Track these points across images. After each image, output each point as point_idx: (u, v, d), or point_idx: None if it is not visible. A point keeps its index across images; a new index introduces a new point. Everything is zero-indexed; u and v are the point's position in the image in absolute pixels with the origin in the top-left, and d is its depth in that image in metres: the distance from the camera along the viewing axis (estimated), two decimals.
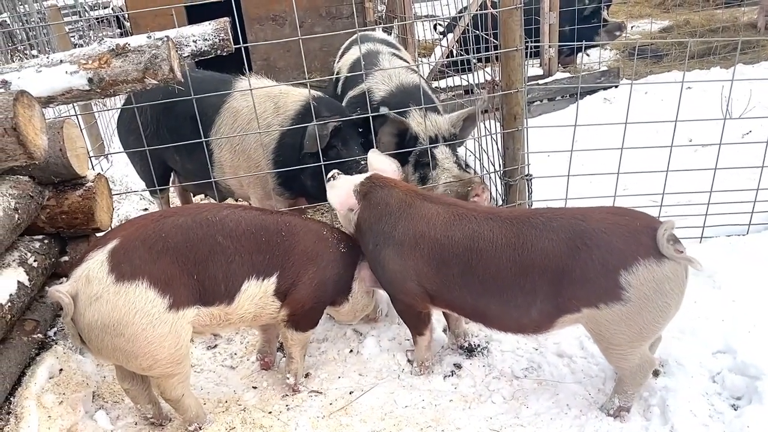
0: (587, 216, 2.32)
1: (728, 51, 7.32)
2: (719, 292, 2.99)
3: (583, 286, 2.25)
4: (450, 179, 3.30)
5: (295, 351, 2.80)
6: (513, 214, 2.48)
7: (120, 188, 5.18)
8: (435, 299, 2.60)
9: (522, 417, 2.56)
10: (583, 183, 3.75)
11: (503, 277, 2.36)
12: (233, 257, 2.46)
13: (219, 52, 2.99)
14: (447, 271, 2.47)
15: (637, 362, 2.36)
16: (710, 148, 3.98)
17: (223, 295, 2.46)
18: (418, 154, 3.44)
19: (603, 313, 2.26)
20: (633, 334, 2.28)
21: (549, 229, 2.31)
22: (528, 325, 2.45)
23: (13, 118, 1.91)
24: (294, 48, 7.88)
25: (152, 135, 3.75)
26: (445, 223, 2.49)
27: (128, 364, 2.38)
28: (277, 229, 2.57)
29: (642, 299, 2.20)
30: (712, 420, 2.37)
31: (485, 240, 2.39)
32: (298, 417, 2.67)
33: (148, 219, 2.45)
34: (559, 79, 6.75)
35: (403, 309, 2.74)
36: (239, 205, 2.64)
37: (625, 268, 2.19)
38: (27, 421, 2.33)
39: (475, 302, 2.47)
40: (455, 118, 3.52)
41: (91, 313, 2.23)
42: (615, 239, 2.22)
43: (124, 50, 2.52)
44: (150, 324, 2.27)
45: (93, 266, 2.25)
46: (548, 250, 2.29)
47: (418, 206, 2.57)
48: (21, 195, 2.66)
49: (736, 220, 3.53)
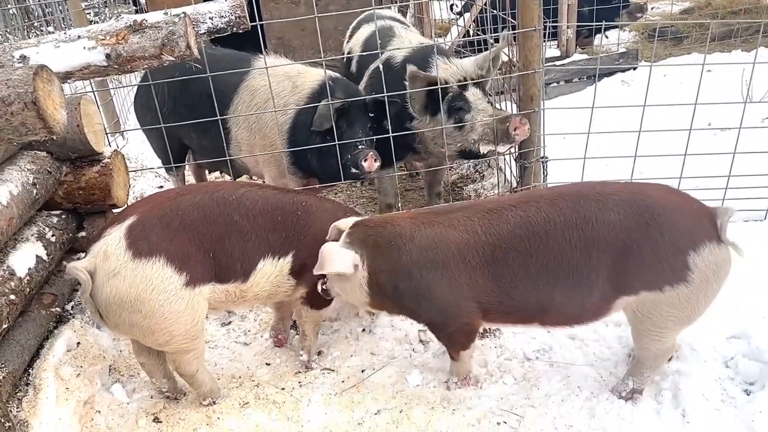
0: (646, 192, 2.25)
1: (750, 33, 7.17)
2: (735, 278, 2.96)
3: (651, 265, 2.17)
4: (486, 119, 3.29)
5: (308, 328, 2.82)
6: (557, 192, 2.34)
7: (136, 165, 5.21)
8: (490, 312, 2.39)
9: (533, 398, 2.57)
10: (599, 166, 3.71)
11: (568, 258, 2.22)
12: (249, 236, 2.47)
13: (235, 30, 2.99)
14: (504, 270, 2.28)
15: (668, 345, 2.35)
16: (729, 132, 3.93)
17: (238, 272, 2.48)
18: (451, 99, 3.39)
19: (664, 296, 2.20)
20: (684, 317, 2.25)
21: (612, 202, 2.20)
22: (588, 311, 2.33)
23: (33, 93, 1.91)
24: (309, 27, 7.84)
25: (169, 112, 3.76)
26: (484, 223, 2.31)
27: (145, 339, 2.42)
28: (293, 209, 2.58)
29: (702, 282, 2.17)
30: (724, 404, 2.36)
31: (540, 223, 2.24)
32: (311, 393, 2.70)
33: (165, 196, 2.47)
34: (577, 61, 6.66)
35: (455, 332, 2.48)
36: (256, 183, 2.65)
37: (694, 248, 2.14)
38: (45, 392, 2.38)
39: (538, 295, 2.29)
40: (481, 60, 3.48)
41: (108, 288, 2.25)
42: (682, 218, 2.17)
43: (141, 26, 2.52)
44: (167, 300, 2.30)
45: (111, 242, 2.27)
46: (615, 224, 2.17)
47: (437, 221, 2.37)
48: (39, 170, 2.69)
49: (754, 205, 3.49)
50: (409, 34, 4.10)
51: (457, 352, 2.59)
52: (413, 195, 4.80)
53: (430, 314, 2.45)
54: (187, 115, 3.61)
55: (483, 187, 4.55)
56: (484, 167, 4.80)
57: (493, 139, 3.33)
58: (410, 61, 3.55)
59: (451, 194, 4.54)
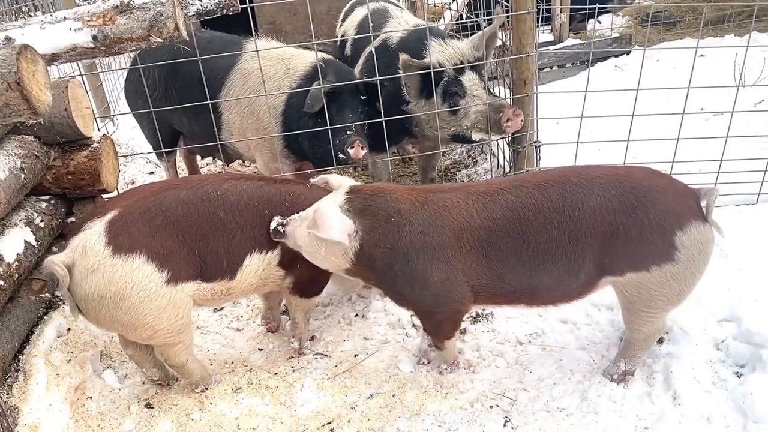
0: (631, 174, 2.25)
1: (743, 18, 7.16)
2: (726, 261, 2.97)
3: (638, 246, 2.17)
4: (480, 107, 3.26)
5: (299, 316, 2.81)
6: (543, 177, 2.31)
7: (126, 151, 5.17)
8: (480, 295, 2.36)
9: (525, 381, 2.58)
10: (592, 150, 3.71)
11: (556, 243, 2.21)
12: (235, 233, 2.42)
13: (225, 12, 2.95)
14: (498, 255, 2.25)
15: (658, 326, 2.37)
16: (722, 116, 3.94)
17: (225, 270, 2.43)
18: (446, 83, 3.35)
19: (651, 276, 2.21)
20: (672, 296, 2.26)
21: (597, 186, 2.20)
22: (574, 291, 2.34)
23: (16, 73, 1.88)
24: (301, 11, 7.75)
25: (160, 97, 3.73)
26: (479, 206, 2.27)
27: (128, 334, 2.38)
28: (281, 200, 2.51)
29: (689, 260, 2.18)
30: (715, 387, 2.38)
31: (530, 207, 2.22)
32: (304, 378, 2.70)
33: (148, 191, 2.40)
34: (570, 46, 6.64)
35: (444, 318, 2.43)
36: (242, 175, 2.59)
37: (680, 228, 2.15)
38: (36, 378, 2.37)
39: (529, 278, 2.28)
40: (477, 40, 3.40)
41: (87, 284, 2.20)
42: (668, 199, 2.18)
43: (128, 7, 2.48)
44: (147, 297, 2.24)
45: (90, 237, 2.21)
46: (601, 208, 2.18)
47: (436, 201, 2.31)
48: (27, 155, 2.65)
49: (746, 189, 3.50)
50: (404, 15, 4.06)
51: (441, 341, 2.56)
52: (407, 180, 4.79)
53: (422, 300, 2.38)
54: (177, 99, 3.58)
55: (476, 172, 4.54)
56: (477, 152, 4.79)
57: (486, 128, 3.30)
58: (406, 43, 3.51)
59: (444, 179, 4.53)
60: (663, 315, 2.36)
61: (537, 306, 2.46)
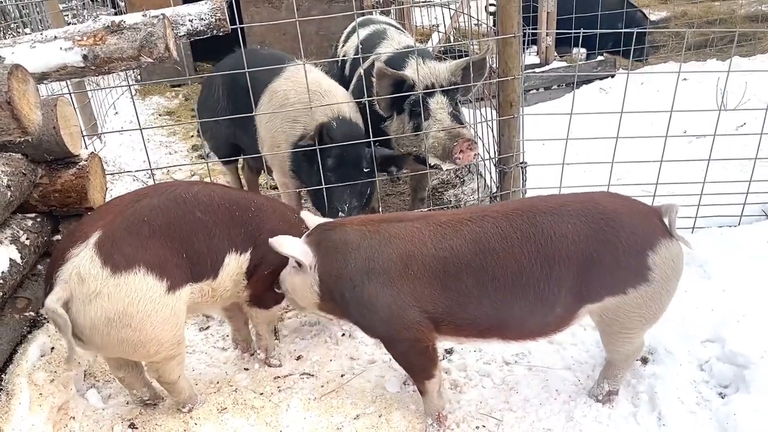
0: (595, 200, 2.27)
1: (725, 43, 7.33)
2: (709, 282, 3.01)
3: (614, 270, 2.18)
4: (438, 133, 3.25)
5: (262, 328, 2.87)
6: (511, 207, 2.30)
7: (113, 169, 5.15)
8: (442, 324, 2.29)
9: (512, 402, 2.58)
10: (577, 172, 3.75)
11: (527, 274, 2.18)
12: (214, 231, 2.46)
13: (215, 33, 2.98)
14: (458, 285, 2.22)
15: (637, 345, 2.39)
16: (704, 139, 4.00)
17: (209, 269, 2.47)
18: (412, 103, 3.38)
19: (628, 298, 2.21)
20: (650, 315, 2.27)
21: (566, 213, 2.20)
22: (551, 324, 2.30)
23: (7, 92, 1.89)
24: (290, 31, 7.82)
25: (222, 110, 3.89)
26: (436, 236, 2.26)
27: (134, 353, 2.34)
28: (248, 206, 2.58)
29: (663, 279, 2.20)
30: (700, 407, 2.40)
31: (496, 238, 2.20)
32: (290, 398, 2.68)
33: (120, 205, 2.37)
34: (556, 68, 6.74)
35: (407, 349, 2.36)
36: (208, 182, 2.65)
37: (651, 248, 2.17)
38: (18, 398, 2.34)
39: (497, 311, 2.24)
40: (454, 66, 3.43)
41: (92, 310, 2.15)
42: (635, 221, 2.20)
43: (119, 27, 2.50)
44: (153, 310, 2.24)
45: (82, 263, 2.15)
46: (573, 235, 2.17)
47: (386, 229, 2.32)
48: (14, 172, 2.64)
49: (728, 211, 3.55)
50: (400, 37, 4.11)
51: (420, 380, 2.46)
52: (394, 200, 4.81)
53: (375, 326, 2.36)
54: (233, 113, 3.72)
55: (463, 192, 4.57)
56: (464, 172, 4.83)
57: (441, 155, 3.30)
58: (392, 62, 3.57)
59: (431, 199, 4.55)
60: (641, 334, 2.38)
61: (512, 340, 2.40)
